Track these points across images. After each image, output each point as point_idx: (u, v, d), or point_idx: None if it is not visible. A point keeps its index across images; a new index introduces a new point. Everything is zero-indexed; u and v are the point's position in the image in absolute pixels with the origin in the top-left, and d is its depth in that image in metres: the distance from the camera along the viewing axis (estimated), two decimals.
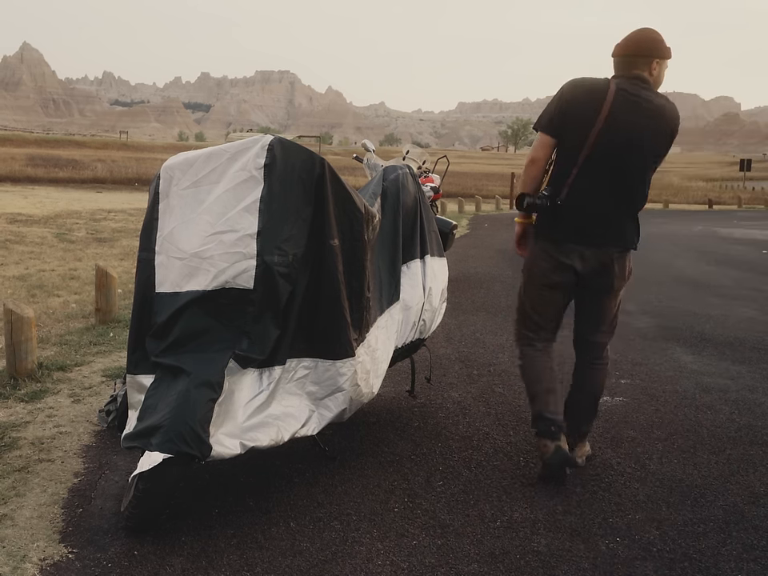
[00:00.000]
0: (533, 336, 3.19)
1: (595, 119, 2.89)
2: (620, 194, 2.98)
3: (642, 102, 2.93)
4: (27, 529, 2.55)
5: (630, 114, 2.91)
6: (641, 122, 2.92)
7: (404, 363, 3.97)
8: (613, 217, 2.99)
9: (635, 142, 2.92)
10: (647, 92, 2.95)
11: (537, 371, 3.15)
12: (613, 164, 2.94)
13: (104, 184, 27.27)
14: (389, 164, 4.91)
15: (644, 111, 2.92)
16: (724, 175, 70.80)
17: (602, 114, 2.89)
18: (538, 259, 3.10)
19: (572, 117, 2.94)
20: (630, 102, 2.91)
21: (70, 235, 11.34)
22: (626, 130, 2.91)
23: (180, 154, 2.77)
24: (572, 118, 2.94)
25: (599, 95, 2.91)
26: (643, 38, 2.97)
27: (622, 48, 3.00)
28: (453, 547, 2.53)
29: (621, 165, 2.94)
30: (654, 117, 2.94)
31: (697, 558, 2.51)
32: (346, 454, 3.29)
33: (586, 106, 2.92)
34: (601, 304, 3.13)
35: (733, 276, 9.65)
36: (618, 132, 2.90)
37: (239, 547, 2.49)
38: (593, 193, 2.97)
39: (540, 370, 3.14)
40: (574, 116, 2.93)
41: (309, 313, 2.74)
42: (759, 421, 3.92)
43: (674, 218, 23.54)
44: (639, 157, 2.95)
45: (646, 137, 2.93)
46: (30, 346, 4.11)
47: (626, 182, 2.97)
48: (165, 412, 2.40)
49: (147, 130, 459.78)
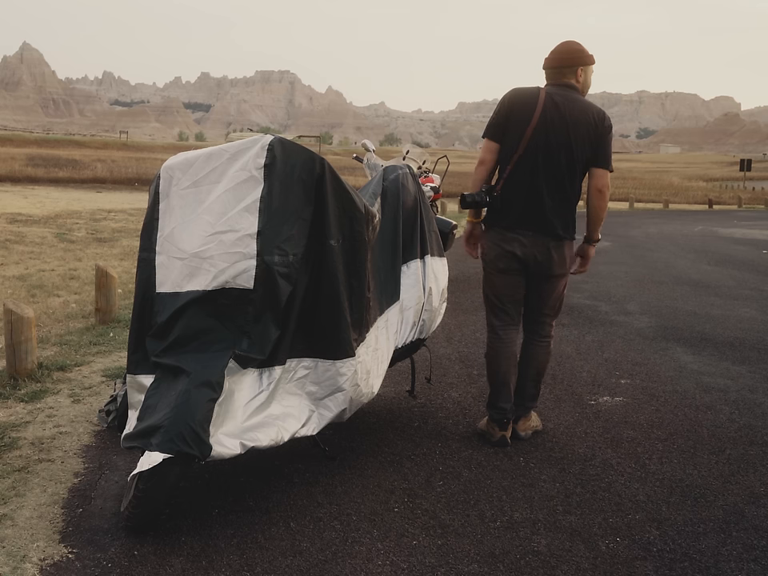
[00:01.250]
0: (498, 323, 3.52)
1: (528, 122, 3.26)
2: (551, 189, 3.31)
3: (568, 105, 3.28)
4: (27, 529, 2.55)
5: (557, 117, 3.26)
6: (567, 123, 3.26)
7: (404, 363, 3.97)
8: (546, 209, 3.31)
9: (562, 140, 3.27)
10: (574, 97, 3.33)
11: (498, 362, 3.49)
12: (542, 161, 3.29)
13: (104, 184, 27.28)
14: (389, 164, 4.90)
15: (570, 114, 3.27)
16: (724, 175, 70.82)
17: (534, 117, 3.26)
18: (489, 248, 3.47)
19: (511, 121, 3.32)
20: (558, 106, 3.27)
21: (70, 235, 11.34)
22: (554, 131, 3.26)
23: (180, 154, 2.77)
24: (511, 123, 3.32)
25: (532, 101, 3.29)
26: (567, 50, 3.38)
27: (550, 61, 3.40)
28: (453, 547, 2.53)
29: (550, 162, 3.29)
30: (579, 118, 3.27)
31: (697, 557, 2.52)
32: (346, 454, 3.29)
33: (521, 111, 3.29)
34: (543, 287, 3.46)
35: (733, 276, 9.65)
36: (547, 133, 3.26)
37: (239, 547, 2.49)
38: (526, 187, 3.31)
39: (501, 361, 3.48)
40: (513, 121, 3.31)
41: (309, 313, 2.74)
42: (759, 421, 3.92)
43: (673, 218, 23.55)
44: (566, 154, 3.28)
45: (572, 136, 3.27)
46: (30, 345, 4.11)
47: (555, 177, 3.31)
48: (165, 412, 2.40)
49: (147, 130, 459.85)
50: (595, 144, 3.30)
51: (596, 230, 3.47)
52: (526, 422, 3.55)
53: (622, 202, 31.19)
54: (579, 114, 3.27)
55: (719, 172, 79.90)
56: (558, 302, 3.55)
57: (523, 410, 3.54)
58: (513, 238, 3.35)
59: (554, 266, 3.38)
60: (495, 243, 3.42)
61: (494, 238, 3.43)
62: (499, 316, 3.51)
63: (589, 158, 3.32)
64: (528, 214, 3.32)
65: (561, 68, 3.35)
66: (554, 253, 3.35)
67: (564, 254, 3.39)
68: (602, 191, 3.35)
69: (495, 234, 3.41)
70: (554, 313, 3.57)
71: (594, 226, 3.45)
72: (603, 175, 3.33)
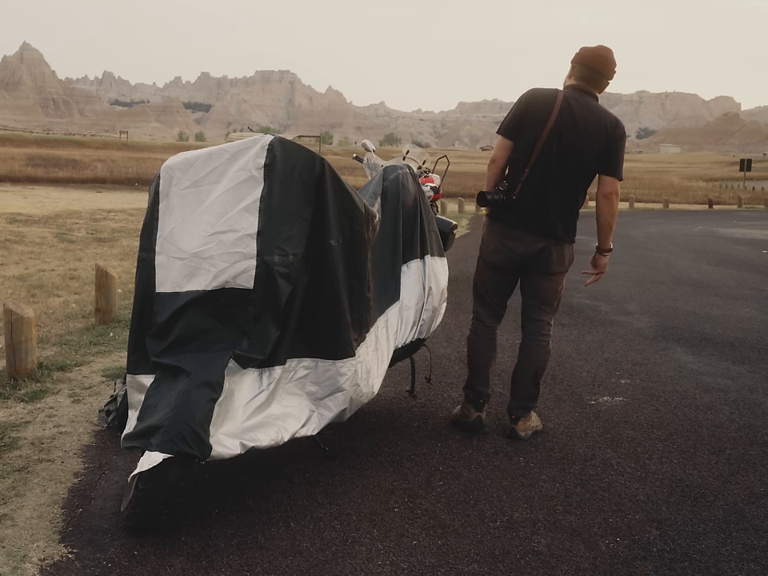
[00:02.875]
0: (482, 311, 3.63)
1: (545, 124, 3.27)
2: (559, 192, 3.36)
3: (584, 111, 3.29)
4: (27, 529, 2.55)
5: (571, 122, 3.28)
6: (580, 128, 3.28)
7: (404, 363, 3.97)
8: (554, 210, 3.37)
9: (574, 145, 3.29)
10: (590, 103, 3.33)
11: (478, 347, 3.62)
12: (554, 164, 3.31)
13: (104, 184, 27.28)
14: (389, 164, 4.90)
15: (584, 119, 3.28)
16: (724, 175, 70.82)
17: (551, 119, 3.27)
18: (489, 240, 3.53)
19: (527, 122, 3.32)
20: (573, 111, 3.28)
21: (70, 235, 11.34)
22: (567, 135, 3.28)
23: (180, 154, 2.77)
24: (526, 123, 3.32)
25: (549, 103, 3.29)
26: (611, 60, 3.34)
27: (590, 60, 3.33)
28: (453, 547, 2.53)
29: (561, 165, 3.32)
30: (593, 124, 3.29)
31: (697, 557, 2.52)
32: (346, 454, 3.29)
33: (538, 112, 3.30)
34: (541, 285, 3.51)
35: (733, 276, 9.65)
36: (561, 137, 3.28)
37: (239, 547, 2.49)
38: (541, 189, 3.35)
39: (481, 346, 3.61)
40: (529, 121, 3.31)
41: (309, 313, 2.74)
42: (759, 421, 3.92)
43: (674, 218, 23.55)
44: (577, 159, 3.31)
45: (584, 142, 3.29)
46: (30, 345, 4.11)
47: (569, 180, 3.35)
48: (165, 412, 2.40)
49: (147, 130, 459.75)
50: (606, 151, 3.31)
51: (607, 238, 3.46)
52: (526, 423, 3.56)
53: (622, 202, 31.17)
54: (593, 120, 3.29)
55: (719, 172, 79.91)
56: (556, 301, 3.59)
57: (523, 410, 3.55)
58: (515, 236, 3.41)
59: (553, 265, 3.43)
60: (496, 236, 3.48)
61: (496, 231, 3.49)
62: (485, 305, 3.63)
63: (599, 165, 3.34)
64: (533, 214, 3.37)
65: (599, 73, 3.33)
66: (554, 251, 3.41)
67: (563, 254, 3.44)
68: (609, 198, 3.35)
69: (498, 227, 3.48)
70: (552, 311, 3.60)
71: (605, 235, 3.45)
72: (612, 182, 3.33)
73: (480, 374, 3.60)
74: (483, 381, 3.59)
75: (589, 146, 3.29)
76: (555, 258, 3.42)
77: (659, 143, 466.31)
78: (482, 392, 3.58)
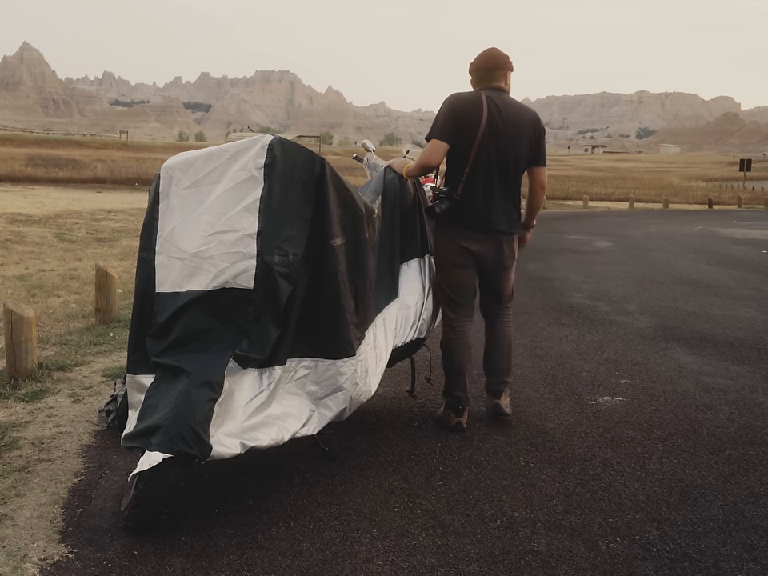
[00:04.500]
0: (453, 316, 3.68)
1: (478, 125, 3.39)
2: (502, 189, 3.52)
3: (508, 109, 3.47)
4: (27, 529, 2.55)
5: (501, 120, 3.43)
6: (510, 126, 3.45)
7: (404, 363, 3.97)
8: (500, 206, 3.53)
9: (509, 143, 3.46)
10: (509, 100, 3.52)
11: (453, 353, 3.66)
12: (494, 163, 3.46)
13: (104, 184, 27.29)
14: (389, 164, 4.89)
15: (511, 117, 3.46)
16: (724, 175, 70.81)
17: (482, 120, 3.40)
18: (444, 245, 3.61)
19: (460, 124, 3.41)
20: (500, 110, 3.44)
21: (70, 235, 11.34)
22: (501, 134, 3.43)
23: (180, 154, 2.77)
24: (460, 125, 3.41)
25: (477, 105, 3.42)
26: (498, 55, 3.56)
27: (483, 63, 3.55)
28: (453, 547, 2.53)
29: (500, 164, 3.47)
30: (520, 121, 3.49)
31: (697, 557, 2.51)
32: (346, 454, 3.29)
33: (469, 113, 3.41)
34: (499, 278, 3.71)
35: (733, 276, 9.65)
36: (496, 136, 3.43)
37: (239, 547, 2.49)
38: (482, 187, 3.48)
39: (455, 352, 3.66)
40: (462, 123, 3.41)
41: (309, 312, 2.75)
42: (759, 421, 3.92)
43: (673, 218, 23.55)
44: (513, 155, 3.49)
45: (517, 138, 3.47)
46: (30, 345, 4.11)
47: (507, 176, 3.52)
48: (165, 412, 2.40)
49: (147, 130, 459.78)
50: (536, 144, 3.56)
51: (534, 217, 3.81)
52: (506, 397, 3.74)
53: (622, 202, 31.21)
54: (519, 116, 3.50)
55: (719, 172, 79.89)
56: (512, 289, 3.83)
57: (503, 384, 3.74)
58: (469, 237, 3.54)
59: (506, 258, 3.65)
60: (451, 240, 3.57)
61: (450, 236, 3.57)
62: (454, 309, 3.67)
63: (530, 158, 3.57)
64: (483, 215, 3.51)
65: (494, 71, 3.53)
66: (506, 246, 3.61)
67: (513, 246, 3.67)
68: (544, 187, 3.69)
69: (451, 232, 3.56)
70: (510, 298, 3.84)
71: (534, 215, 3.80)
72: (544, 172, 3.66)
73: (458, 380, 3.64)
74: (461, 386, 3.63)
75: (522, 142, 3.49)
76: (508, 253, 3.62)
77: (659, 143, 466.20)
78: (460, 397, 3.62)
